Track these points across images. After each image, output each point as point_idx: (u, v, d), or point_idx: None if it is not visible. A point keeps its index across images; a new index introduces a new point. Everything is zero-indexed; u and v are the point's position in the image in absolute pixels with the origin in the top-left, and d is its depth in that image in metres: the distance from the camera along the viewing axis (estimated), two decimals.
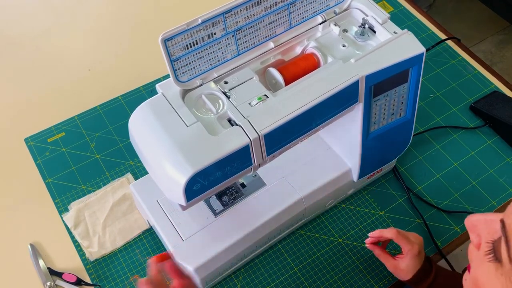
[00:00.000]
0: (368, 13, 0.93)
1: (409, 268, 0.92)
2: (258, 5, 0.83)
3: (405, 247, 0.92)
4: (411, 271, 0.92)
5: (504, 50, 2.54)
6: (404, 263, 0.93)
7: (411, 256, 0.92)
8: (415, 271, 0.92)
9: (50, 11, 1.45)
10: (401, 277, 0.94)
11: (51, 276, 1.00)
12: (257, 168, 0.85)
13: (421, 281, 0.92)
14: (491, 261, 0.55)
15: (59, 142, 1.19)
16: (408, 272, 0.92)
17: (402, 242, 0.92)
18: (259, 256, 1.03)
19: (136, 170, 1.14)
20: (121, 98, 1.27)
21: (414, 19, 1.42)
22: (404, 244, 0.92)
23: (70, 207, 1.09)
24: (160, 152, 0.79)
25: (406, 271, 0.93)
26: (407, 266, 0.92)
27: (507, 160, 1.16)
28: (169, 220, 0.97)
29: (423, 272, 0.92)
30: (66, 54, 1.37)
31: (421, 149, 1.17)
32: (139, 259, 1.02)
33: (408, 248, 0.92)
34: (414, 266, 0.92)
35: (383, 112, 0.95)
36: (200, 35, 0.79)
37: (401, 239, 0.92)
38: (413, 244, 0.92)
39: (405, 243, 0.92)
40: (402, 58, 0.88)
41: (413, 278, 0.92)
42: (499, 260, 0.55)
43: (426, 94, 1.26)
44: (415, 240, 0.93)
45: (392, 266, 0.95)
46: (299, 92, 0.83)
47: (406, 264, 0.92)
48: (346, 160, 1.05)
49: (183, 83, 0.83)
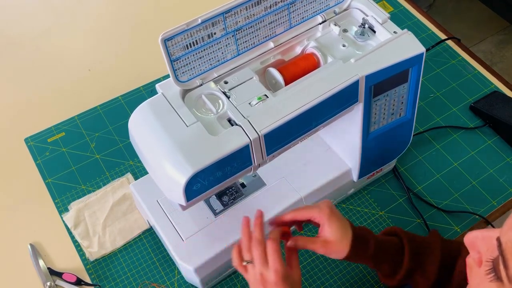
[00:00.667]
0: (368, 13, 0.93)
1: (336, 233, 0.79)
2: (258, 5, 0.83)
3: (313, 213, 0.81)
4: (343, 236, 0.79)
5: (504, 50, 2.54)
6: (327, 232, 0.80)
7: (327, 217, 0.80)
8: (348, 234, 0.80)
9: (50, 11, 1.45)
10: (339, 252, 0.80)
11: (51, 276, 1.00)
12: (257, 168, 0.85)
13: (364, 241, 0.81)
14: (493, 281, 0.54)
15: (59, 142, 1.19)
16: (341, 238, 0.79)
17: (307, 212, 0.81)
18: None
19: (136, 170, 1.14)
20: (121, 98, 1.27)
21: (414, 19, 1.42)
22: (310, 212, 0.81)
23: (70, 207, 1.09)
24: (160, 152, 0.79)
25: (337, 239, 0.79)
26: (332, 232, 0.79)
27: (507, 160, 1.16)
28: (169, 220, 0.97)
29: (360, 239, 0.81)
30: (66, 54, 1.37)
31: (421, 149, 1.17)
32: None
33: (317, 212, 0.80)
34: (340, 228, 0.80)
35: (383, 112, 0.95)
36: (200, 35, 0.79)
37: (304, 211, 0.82)
38: (318, 208, 0.81)
39: (310, 211, 0.81)
40: (402, 58, 0.88)
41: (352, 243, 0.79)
42: (500, 279, 0.53)
43: (426, 94, 1.26)
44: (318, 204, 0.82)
45: (322, 244, 0.80)
46: (299, 92, 0.83)
47: (329, 231, 0.79)
48: (346, 160, 1.04)
49: (183, 83, 0.83)
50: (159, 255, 1.03)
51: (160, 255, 1.03)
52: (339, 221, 0.81)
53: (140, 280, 1.00)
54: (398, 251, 0.85)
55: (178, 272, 1.01)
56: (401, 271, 0.84)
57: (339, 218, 0.81)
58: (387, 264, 0.85)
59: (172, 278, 1.00)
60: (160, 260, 1.02)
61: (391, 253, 0.84)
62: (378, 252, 0.83)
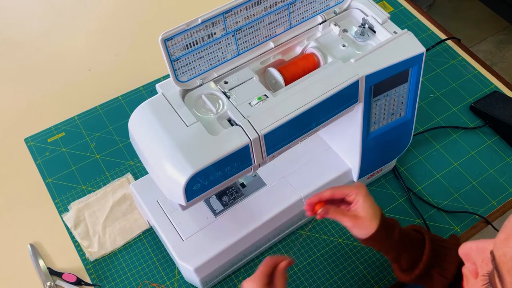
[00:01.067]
0: (368, 13, 0.93)
1: (367, 211, 0.81)
2: (258, 5, 0.83)
3: (351, 190, 0.83)
4: (373, 215, 0.82)
5: (504, 50, 2.53)
6: (360, 208, 0.82)
7: (363, 195, 0.82)
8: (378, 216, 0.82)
9: (50, 11, 1.45)
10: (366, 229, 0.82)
11: (51, 276, 1.00)
12: (257, 168, 0.85)
13: (390, 227, 0.83)
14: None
15: (59, 142, 1.19)
16: (371, 217, 0.81)
17: (345, 189, 0.84)
18: (259, 256, 1.03)
19: (136, 170, 1.14)
20: (121, 98, 1.27)
21: (414, 19, 1.42)
22: (348, 189, 0.83)
23: (70, 207, 1.09)
24: (160, 152, 0.79)
25: (368, 216, 0.81)
26: (365, 209, 0.82)
27: (507, 160, 1.16)
28: (169, 220, 0.97)
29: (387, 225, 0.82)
30: (66, 54, 1.37)
31: (421, 149, 1.17)
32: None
33: (355, 190, 0.83)
34: (373, 207, 0.82)
35: (383, 112, 0.95)
36: (200, 35, 0.79)
37: (342, 188, 0.84)
38: (356, 186, 0.83)
39: (348, 188, 0.83)
40: (402, 58, 0.88)
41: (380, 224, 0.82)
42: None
43: (426, 94, 1.26)
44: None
45: (353, 218, 0.82)
46: (299, 92, 0.83)
47: (363, 207, 0.82)
48: (346, 160, 1.04)
49: (183, 83, 0.83)
50: (159, 255, 1.03)
51: (160, 255, 1.03)
52: (372, 201, 0.83)
53: (140, 280, 1.00)
54: (420, 246, 0.85)
55: (178, 272, 1.01)
56: (420, 265, 0.83)
57: (372, 199, 0.84)
58: (407, 256, 0.84)
59: (172, 278, 1.00)
60: (160, 260, 1.02)
61: (413, 246, 0.84)
62: (401, 241, 0.83)
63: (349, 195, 0.84)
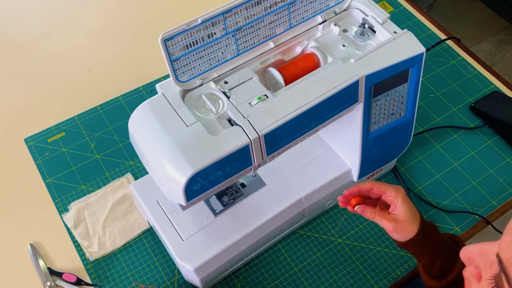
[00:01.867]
0: (368, 13, 0.93)
1: (407, 214, 0.80)
2: (258, 5, 0.83)
3: (390, 191, 0.82)
4: (413, 219, 0.80)
5: (504, 50, 2.53)
6: (400, 211, 0.80)
7: (402, 197, 0.81)
8: (418, 219, 0.81)
9: (50, 11, 1.45)
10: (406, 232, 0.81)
11: (51, 276, 1.00)
12: (257, 168, 0.85)
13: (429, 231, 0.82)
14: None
15: (59, 142, 1.19)
16: (411, 221, 0.80)
17: (384, 187, 0.82)
18: (259, 256, 1.03)
19: (136, 170, 1.14)
20: (121, 98, 1.27)
21: (414, 19, 1.42)
22: (387, 188, 0.82)
23: (70, 207, 1.09)
24: (160, 152, 0.79)
25: (408, 219, 0.80)
26: (405, 212, 0.80)
27: (507, 160, 1.16)
28: (169, 220, 0.97)
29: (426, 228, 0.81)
30: (66, 54, 1.37)
31: (421, 149, 1.17)
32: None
33: (394, 191, 0.81)
34: (412, 211, 0.81)
35: (383, 112, 0.95)
36: (200, 35, 0.79)
37: (382, 186, 0.82)
38: (395, 187, 0.82)
39: (387, 188, 0.82)
40: (402, 58, 0.88)
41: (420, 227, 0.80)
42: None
43: (426, 94, 1.26)
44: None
45: (391, 221, 0.80)
46: (299, 92, 0.83)
47: (403, 210, 0.80)
48: (346, 160, 1.04)
49: (183, 83, 0.83)
50: (159, 255, 1.03)
51: (160, 255, 1.03)
52: (411, 204, 0.82)
53: (140, 280, 1.00)
54: (453, 253, 0.83)
55: (178, 272, 1.01)
56: (453, 271, 0.82)
57: (411, 202, 0.82)
58: (441, 262, 0.83)
59: (172, 278, 1.00)
60: (160, 260, 1.02)
61: (447, 252, 0.83)
62: (437, 246, 0.82)
63: (387, 195, 0.83)
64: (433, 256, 0.82)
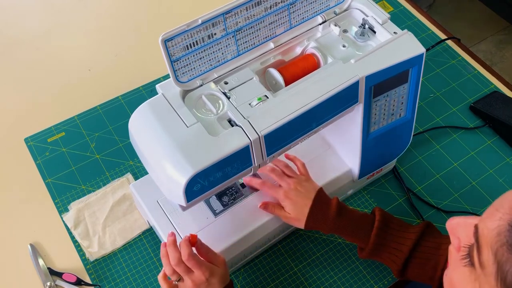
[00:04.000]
0: (368, 14, 0.93)
1: (293, 212, 0.93)
2: (258, 6, 0.83)
3: (278, 196, 0.95)
4: (299, 215, 0.92)
5: (504, 50, 2.54)
6: (287, 210, 0.94)
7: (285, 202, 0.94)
8: (305, 214, 0.92)
9: (50, 11, 1.45)
10: (297, 224, 0.94)
11: (51, 276, 1.00)
12: (257, 168, 0.85)
13: (322, 220, 0.91)
14: (466, 265, 0.56)
15: (59, 142, 1.19)
16: (297, 217, 0.93)
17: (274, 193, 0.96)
18: (259, 256, 1.03)
19: (136, 170, 1.14)
20: (121, 98, 1.27)
21: (414, 19, 1.42)
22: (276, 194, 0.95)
23: (70, 207, 1.09)
24: (160, 152, 0.79)
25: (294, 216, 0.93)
26: (290, 211, 0.93)
27: (507, 160, 1.16)
28: (169, 220, 0.97)
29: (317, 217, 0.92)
30: (66, 54, 1.37)
31: (421, 149, 1.17)
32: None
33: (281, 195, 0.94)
34: (296, 209, 0.93)
35: (383, 113, 0.95)
36: (200, 35, 0.79)
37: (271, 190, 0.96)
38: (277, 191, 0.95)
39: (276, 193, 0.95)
40: (402, 58, 0.88)
41: (307, 222, 0.92)
42: (473, 265, 0.55)
43: (426, 94, 1.26)
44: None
45: (283, 216, 0.95)
46: (299, 92, 0.83)
47: (288, 210, 0.93)
48: (346, 160, 1.05)
49: (183, 83, 0.83)
50: (159, 255, 1.03)
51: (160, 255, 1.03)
52: (292, 205, 0.93)
53: (140, 280, 1.00)
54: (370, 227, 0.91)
55: None
56: (368, 246, 0.90)
57: (292, 201, 0.93)
58: (353, 239, 0.92)
59: None
60: (160, 260, 1.02)
61: (360, 228, 0.91)
62: (341, 227, 0.91)
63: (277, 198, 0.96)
64: (342, 234, 0.92)
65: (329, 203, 0.92)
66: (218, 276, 0.85)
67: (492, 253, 0.52)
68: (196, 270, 0.83)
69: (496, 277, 0.52)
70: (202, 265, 0.84)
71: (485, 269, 0.53)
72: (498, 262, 0.51)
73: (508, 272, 0.50)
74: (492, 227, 0.52)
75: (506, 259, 0.50)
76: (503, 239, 0.51)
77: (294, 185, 0.94)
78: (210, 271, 0.84)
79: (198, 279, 0.83)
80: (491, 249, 0.52)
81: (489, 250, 0.52)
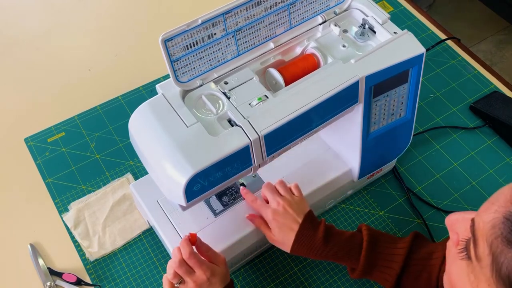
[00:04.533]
0: (368, 14, 0.93)
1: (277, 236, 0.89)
2: (258, 6, 0.83)
3: (266, 214, 0.91)
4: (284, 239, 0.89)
5: (504, 50, 2.54)
6: (273, 231, 0.90)
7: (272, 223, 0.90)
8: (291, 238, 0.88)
9: (50, 11, 1.45)
10: (282, 247, 0.91)
11: (51, 276, 1.00)
12: (257, 168, 0.85)
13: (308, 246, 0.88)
14: (464, 259, 0.56)
15: (59, 142, 1.19)
16: (282, 240, 0.89)
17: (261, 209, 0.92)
18: (259, 256, 1.03)
19: (136, 170, 1.14)
20: (121, 98, 1.27)
21: (414, 19, 1.42)
22: (263, 211, 0.92)
23: (70, 207, 1.09)
24: (160, 152, 0.79)
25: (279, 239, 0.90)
26: (275, 233, 0.90)
27: (507, 160, 1.16)
28: (169, 220, 0.97)
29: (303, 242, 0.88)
30: (66, 54, 1.37)
31: (421, 149, 1.17)
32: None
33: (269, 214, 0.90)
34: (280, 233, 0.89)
35: (383, 113, 0.95)
36: (200, 35, 0.79)
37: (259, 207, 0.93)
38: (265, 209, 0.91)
39: (264, 210, 0.92)
40: (402, 58, 0.88)
41: (293, 248, 0.88)
42: (469, 258, 0.56)
43: (426, 94, 1.26)
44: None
45: (271, 238, 0.92)
46: (299, 92, 0.83)
47: (274, 231, 0.90)
48: (346, 160, 1.05)
49: (183, 83, 0.83)
50: (159, 255, 1.03)
51: (160, 255, 1.03)
52: (278, 227, 0.90)
53: (140, 280, 1.00)
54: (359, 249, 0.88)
55: None
56: (357, 268, 0.88)
57: (279, 224, 0.90)
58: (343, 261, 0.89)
59: None
60: (160, 260, 1.02)
61: (351, 249, 0.88)
62: (329, 251, 0.88)
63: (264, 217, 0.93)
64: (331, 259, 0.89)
65: (316, 229, 0.88)
66: (219, 276, 0.85)
67: (487, 245, 0.53)
68: (197, 269, 0.83)
69: (491, 269, 0.52)
70: (203, 264, 0.84)
71: (481, 261, 0.54)
72: (493, 254, 0.52)
73: (503, 263, 0.51)
74: (487, 220, 0.53)
75: (501, 250, 0.51)
76: (497, 231, 0.52)
77: (283, 206, 0.90)
78: (211, 271, 0.84)
79: (200, 279, 0.83)
80: (486, 241, 0.53)
81: (484, 243, 0.53)
